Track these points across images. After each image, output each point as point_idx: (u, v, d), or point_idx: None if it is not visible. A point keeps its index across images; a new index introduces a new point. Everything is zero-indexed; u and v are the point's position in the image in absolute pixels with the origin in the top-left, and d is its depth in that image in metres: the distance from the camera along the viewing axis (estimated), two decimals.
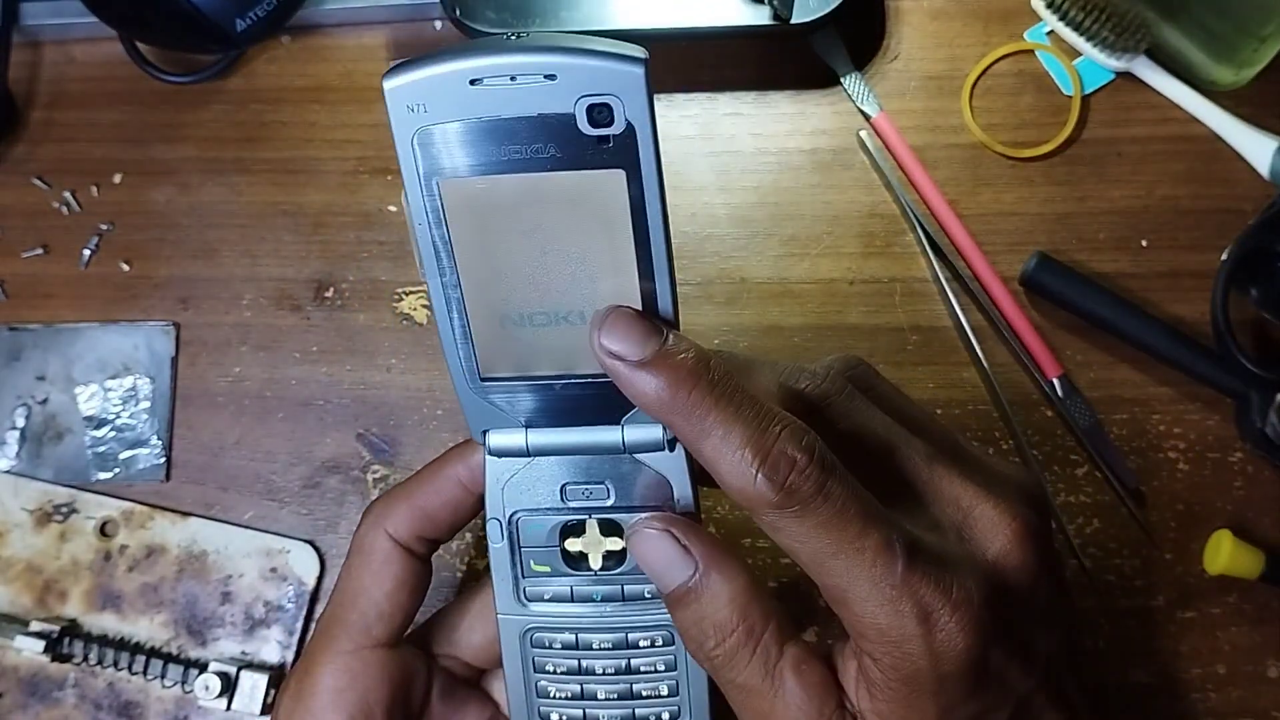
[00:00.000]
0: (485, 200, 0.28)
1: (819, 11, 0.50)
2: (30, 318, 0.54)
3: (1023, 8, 0.54)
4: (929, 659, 0.28)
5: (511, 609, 0.33)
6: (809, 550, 0.29)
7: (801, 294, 0.52)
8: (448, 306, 0.29)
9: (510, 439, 0.31)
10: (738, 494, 0.28)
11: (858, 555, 0.28)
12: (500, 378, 0.30)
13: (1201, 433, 0.49)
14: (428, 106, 0.27)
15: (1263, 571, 0.46)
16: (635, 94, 0.26)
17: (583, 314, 0.29)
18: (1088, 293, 0.49)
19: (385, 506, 0.35)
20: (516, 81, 0.26)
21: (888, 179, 0.52)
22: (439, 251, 0.28)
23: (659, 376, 0.28)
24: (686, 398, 0.28)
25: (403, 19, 0.55)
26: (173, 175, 0.55)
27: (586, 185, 0.27)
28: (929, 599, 0.28)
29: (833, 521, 0.28)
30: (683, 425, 0.29)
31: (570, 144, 0.26)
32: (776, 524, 0.29)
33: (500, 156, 0.27)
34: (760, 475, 0.28)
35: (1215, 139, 0.52)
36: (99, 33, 0.55)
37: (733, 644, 0.30)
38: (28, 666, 0.50)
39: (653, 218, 0.27)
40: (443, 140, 0.27)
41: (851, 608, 0.29)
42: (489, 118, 0.26)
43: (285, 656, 0.50)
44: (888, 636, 0.29)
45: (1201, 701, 0.47)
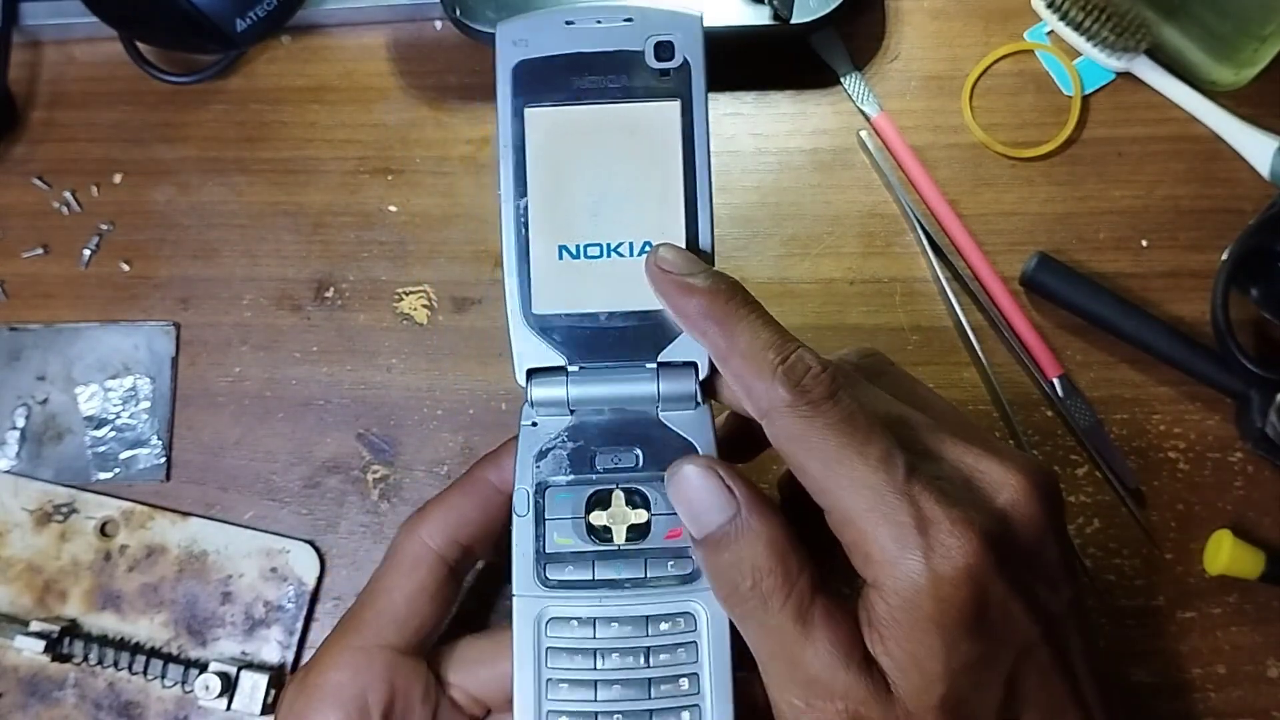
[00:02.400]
0: (562, 128, 0.33)
1: (819, 11, 0.50)
2: (30, 318, 0.54)
3: (1023, 8, 0.54)
4: (928, 577, 0.28)
5: (529, 588, 0.32)
6: (816, 456, 0.30)
7: (801, 294, 0.52)
8: (516, 231, 0.33)
9: (552, 390, 0.33)
10: (756, 392, 0.31)
11: (861, 460, 0.29)
12: (551, 313, 0.33)
13: (1201, 433, 0.49)
14: (529, 41, 0.33)
15: (1263, 571, 0.46)
16: (692, 35, 0.33)
17: (632, 245, 0.33)
18: (1088, 293, 0.49)
19: (420, 513, 0.37)
20: (601, 23, 0.33)
21: (888, 179, 0.52)
22: (516, 175, 0.33)
23: (704, 285, 0.31)
24: (725, 303, 0.31)
25: (403, 19, 0.55)
26: (173, 175, 0.55)
27: (648, 116, 0.33)
28: (929, 510, 0.29)
29: (839, 425, 0.30)
30: (714, 332, 0.31)
31: (638, 76, 0.33)
32: (789, 427, 0.30)
33: (581, 87, 0.33)
34: (780, 372, 0.30)
35: (1215, 139, 0.52)
36: (99, 33, 0.55)
37: (769, 585, 0.30)
38: (28, 666, 0.50)
39: (699, 144, 0.33)
40: (536, 71, 0.33)
41: (855, 523, 0.29)
42: (577, 51, 0.33)
43: (285, 656, 0.50)
44: (889, 553, 0.29)
45: (1201, 701, 0.47)
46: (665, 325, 0.33)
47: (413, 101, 0.55)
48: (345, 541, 0.51)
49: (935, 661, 0.29)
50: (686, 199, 0.33)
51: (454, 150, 0.54)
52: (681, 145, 0.33)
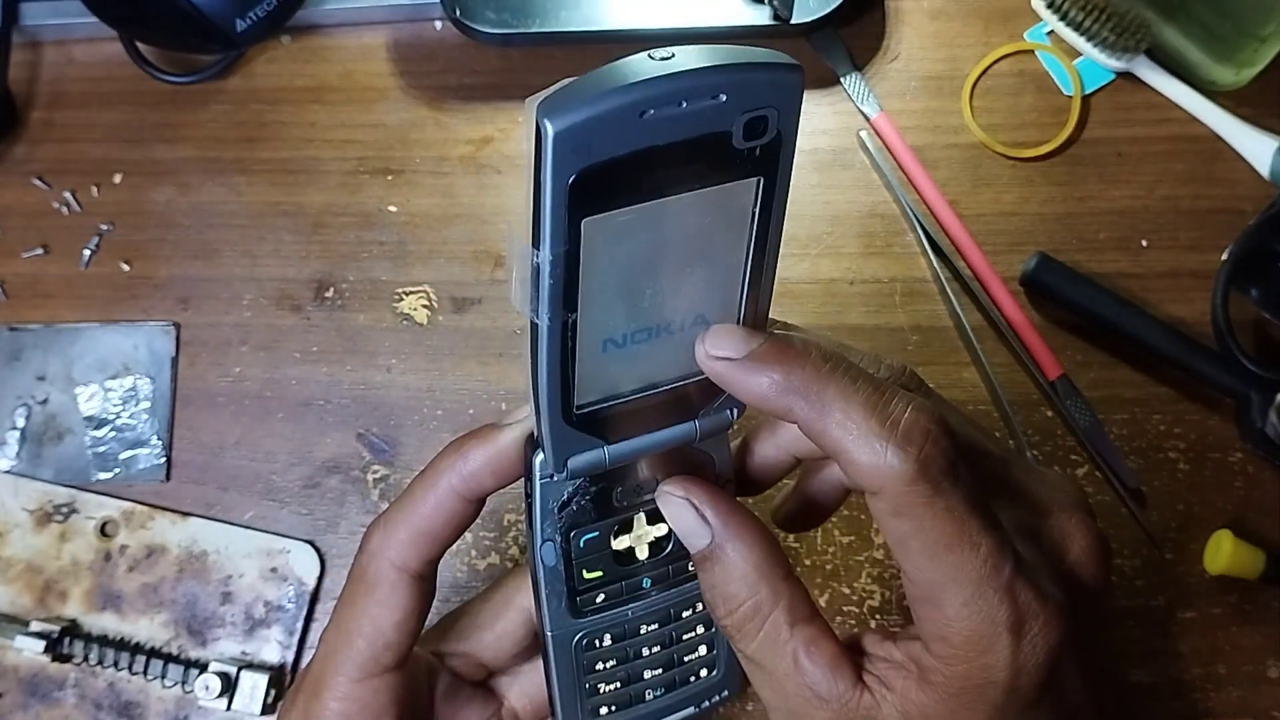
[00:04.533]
0: (625, 230, 0.26)
1: (819, 11, 0.50)
2: (30, 318, 0.54)
3: (1023, 8, 0.54)
4: (1009, 671, 0.27)
5: (563, 624, 0.33)
6: (926, 539, 0.27)
7: (801, 294, 0.52)
8: (560, 344, 0.27)
9: (590, 459, 0.31)
10: (866, 472, 0.27)
11: (972, 551, 0.27)
12: (589, 404, 0.29)
13: (1201, 433, 0.49)
14: (594, 146, 0.24)
15: (1263, 571, 0.46)
16: (791, 103, 0.26)
17: (684, 321, 0.29)
18: (1088, 293, 0.49)
19: (385, 534, 0.34)
20: (684, 106, 0.24)
21: (888, 179, 0.52)
22: (566, 291, 0.26)
23: (769, 363, 0.28)
24: (801, 375, 0.28)
25: (403, 19, 0.55)
26: (173, 175, 0.55)
27: (724, 195, 0.26)
28: (1025, 606, 0.27)
29: (958, 509, 0.27)
30: (801, 407, 0.28)
31: (720, 159, 0.26)
32: (901, 506, 0.27)
33: (651, 184, 0.25)
34: (893, 446, 0.26)
35: (1215, 139, 0.52)
36: (99, 33, 0.55)
37: (739, 618, 0.30)
38: (28, 666, 0.50)
39: (776, 217, 0.27)
40: (599, 177, 0.25)
41: (943, 608, 0.27)
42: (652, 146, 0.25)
43: (285, 656, 0.50)
44: (973, 643, 0.27)
45: (1201, 701, 0.47)
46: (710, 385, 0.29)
47: (413, 101, 0.55)
48: (345, 541, 0.51)
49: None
50: (750, 275, 0.28)
51: (454, 150, 0.54)
52: (755, 223, 0.27)
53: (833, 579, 0.48)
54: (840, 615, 0.48)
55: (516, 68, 0.55)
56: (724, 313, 0.29)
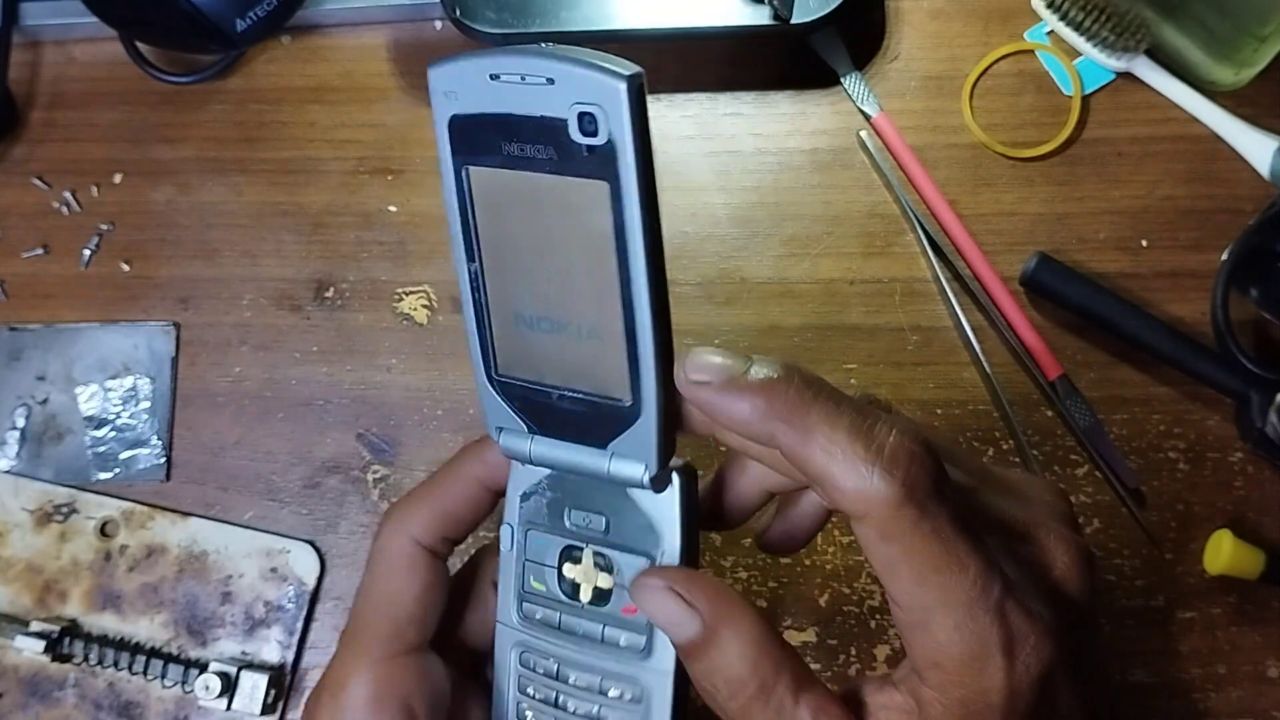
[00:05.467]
0: (501, 193, 0.29)
1: (819, 11, 0.50)
2: (30, 318, 0.54)
3: (1023, 8, 0.54)
4: (1004, 693, 0.27)
5: (509, 619, 0.33)
6: (913, 563, 0.27)
7: (801, 294, 0.52)
8: (472, 295, 0.30)
9: (518, 443, 0.32)
10: (852, 497, 0.27)
11: (961, 573, 0.27)
12: (512, 378, 0.31)
13: (1201, 433, 0.49)
14: (458, 95, 0.28)
15: (1263, 571, 0.46)
16: (617, 108, 0.26)
17: (579, 327, 0.29)
18: (1088, 293, 0.49)
19: (406, 510, 0.35)
20: (525, 81, 0.27)
21: (888, 179, 0.52)
22: (466, 237, 0.30)
23: (750, 389, 0.28)
24: (784, 400, 0.27)
25: (403, 19, 0.55)
26: (173, 175, 0.55)
27: (579, 193, 0.27)
28: (1016, 627, 0.27)
29: (945, 531, 0.27)
30: (784, 431, 0.27)
31: (565, 149, 0.27)
32: (888, 530, 0.26)
33: (510, 152, 0.28)
34: (878, 470, 0.26)
35: (1215, 139, 0.52)
36: (99, 33, 0.55)
37: (745, 699, 0.29)
38: (28, 666, 0.50)
39: (632, 236, 0.27)
40: (469, 129, 0.28)
41: (934, 633, 0.27)
42: (502, 112, 0.28)
43: (285, 656, 0.50)
44: (966, 666, 0.27)
45: (1201, 701, 0.47)
46: (615, 415, 0.30)
47: (413, 101, 0.55)
48: (345, 541, 0.51)
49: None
50: (622, 295, 0.28)
51: None
52: (614, 234, 0.27)
53: (833, 579, 0.48)
54: (840, 615, 0.48)
55: None
56: (609, 331, 0.29)
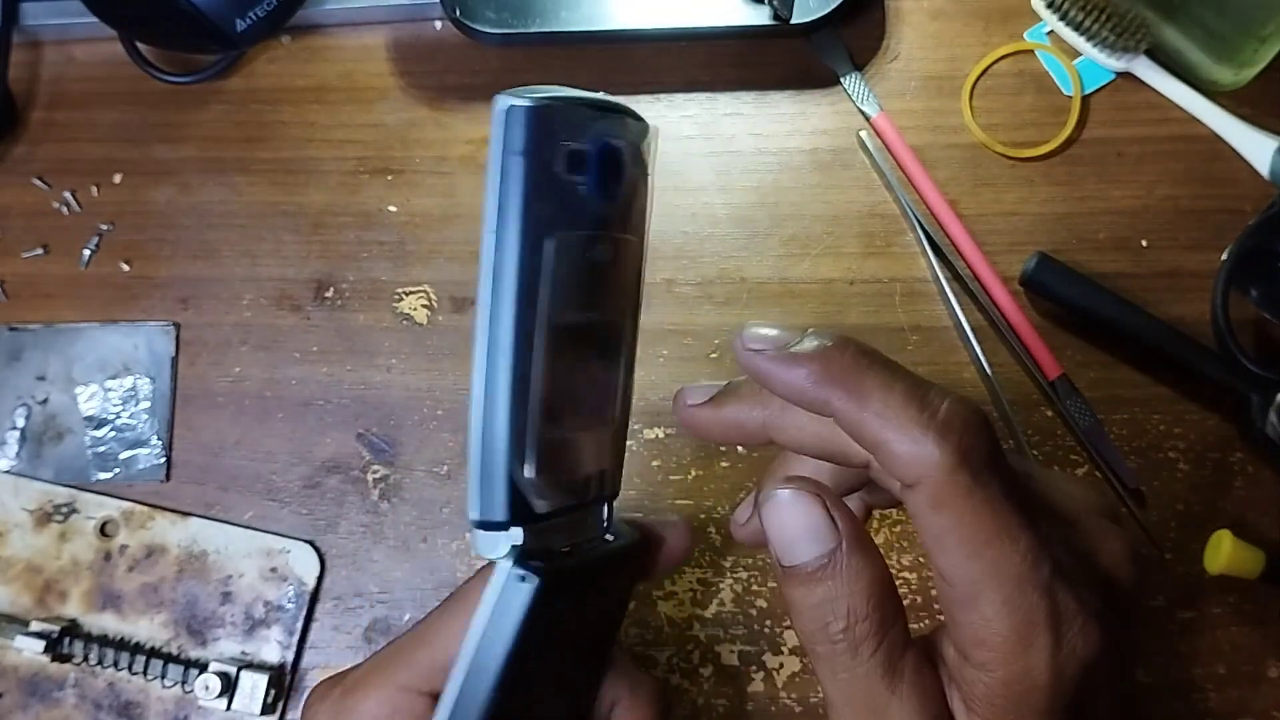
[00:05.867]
0: None
1: (819, 11, 0.50)
2: (30, 318, 0.54)
3: (1023, 8, 0.54)
4: (1048, 674, 0.27)
5: None
6: (964, 533, 0.26)
7: (801, 294, 0.52)
8: None
9: None
10: (906, 462, 0.26)
11: (1012, 546, 0.26)
12: None
13: (1201, 433, 0.49)
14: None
15: (1263, 571, 0.46)
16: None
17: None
18: (1088, 293, 0.49)
19: None
20: None
21: (888, 179, 0.52)
22: None
23: (805, 356, 0.28)
24: (839, 366, 0.27)
25: (403, 19, 0.55)
26: (173, 175, 0.55)
27: None
28: (1064, 606, 0.27)
29: (998, 502, 0.26)
30: (840, 397, 0.27)
31: None
32: (941, 498, 0.26)
33: None
34: (932, 434, 0.26)
35: (1215, 139, 0.52)
36: (99, 33, 0.55)
37: (862, 631, 0.28)
38: (28, 666, 0.50)
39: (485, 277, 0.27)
40: None
41: (981, 608, 0.27)
42: None
43: (285, 656, 0.50)
44: (1012, 644, 0.27)
45: (1201, 701, 0.47)
46: None
47: (413, 101, 0.55)
48: (345, 541, 0.51)
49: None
50: None
51: (454, 150, 0.54)
52: None
53: None
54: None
55: (516, 68, 0.55)
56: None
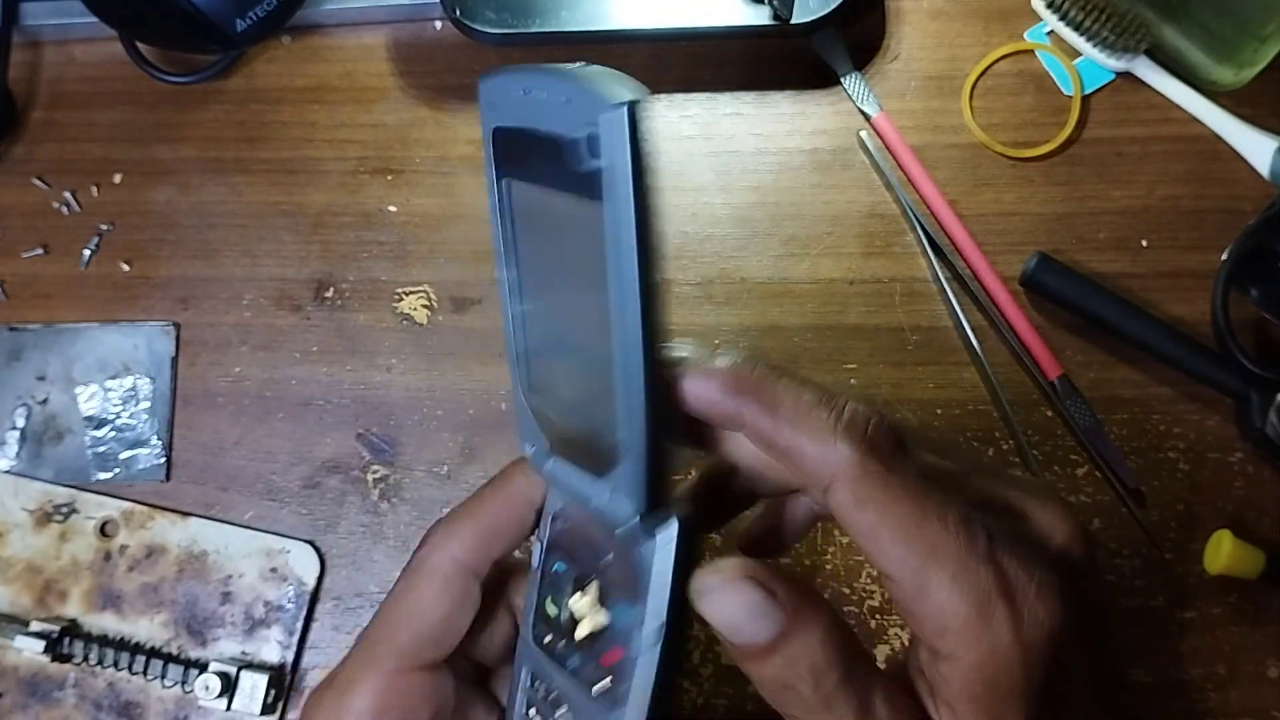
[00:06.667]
0: (534, 207, 0.29)
1: (819, 11, 0.50)
2: (30, 318, 0.54)
3: (1023, 8, 0.54)
4: (1017, 644, 0.27)
5: (526, 636, 0.33)
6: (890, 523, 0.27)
7: (801, 294, 0.52)
8: (510, 306, 0.31)
9: (540, 461, 0.32)
10: (819, 463, 0.27)
11: (941, 526, 0.27)
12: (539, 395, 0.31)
13: (1201, 433, 0.49)
14: (497, 106, 0.29)
15: (1263, 571, 0.46)
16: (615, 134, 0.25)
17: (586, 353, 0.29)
18: (1088, 293, 0.49)
19: (452, 527, 0.34)
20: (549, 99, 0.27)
21: (888, 179, 0.52)
22: (505, 248, 0.30)
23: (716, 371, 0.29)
24: (748, 377, 0.29)
25: (403, 19, 0.55)
26: (173, 175, 0.55)
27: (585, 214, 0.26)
28: (1014, 574, 0.27)
29: (915, 486, 0.27)
30: (751, 407, 0.28)
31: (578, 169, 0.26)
32: (860, 491, 0.27)
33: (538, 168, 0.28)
34: (840, 432, 0.27)
35: (1215, 139, 0.52)
36: (99, 33, 0.55)
37: (830, 688, 0.28)
38: (28, 666, 0.50)
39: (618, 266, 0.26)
40: (507, 141, 0.29)
41: (931, 593, 0.27)
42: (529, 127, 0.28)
43: (285, 656, 0.50)
44: (972, 622, 0.27)
45: (1201, 701, 0.47)
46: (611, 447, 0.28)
47: (413, 101, 0.55)
48: (345, 541, 0.51)
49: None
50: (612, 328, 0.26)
51: (454, 150, 0.54)
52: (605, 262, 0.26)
53: (833, 579, 0.48)
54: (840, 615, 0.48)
55: None
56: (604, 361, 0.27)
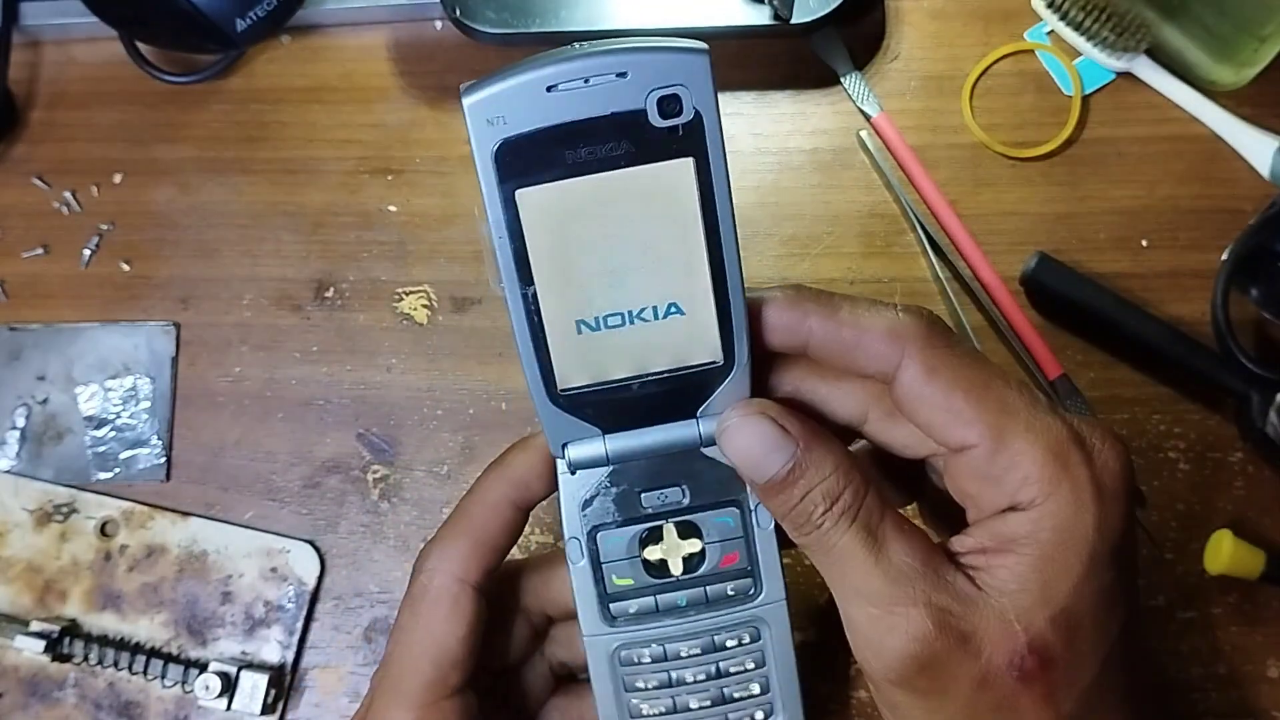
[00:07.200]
0: (561, 205, 0.28)
1: (819, 11, 0.50)
2: (30, 318, 0.54)
3: (1023, 8, 0.54)
4: (1093, 486, 0.28)
5: (598, 629, 0.33)
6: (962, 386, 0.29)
7: None
8: (527, 319, 0.30)
9: (590, 449, 0.32)
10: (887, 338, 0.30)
11: (1006, 387, 0.29)
12: (577, 387, 0.31)
13: (1201, 433, 0.49)
14: (507, 118, 0.28)
15: (1263, 571, 0.46)
16: (701, 82, 0.27)
17: (655, 309, 0.30)
18: (1088, 293, 0.49)
19: (444, 547, 0.34)
20: (590, 83, 0.27)
21: (888, 179, 0.52)
22: (518, 264, 0.29)
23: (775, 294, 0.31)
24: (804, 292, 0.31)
25: (403, 19, 0.55)
26: (173, 175, 0.55)
27: (658, 177, 0.28)
28: (1080, 427, 0.29)
29: (976, 356, 0.30)
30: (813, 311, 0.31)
31: (642, 138, 0.28)
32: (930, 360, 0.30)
33: (576, 159, 0.28)
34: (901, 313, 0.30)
35: (1215, 139, 0.52)
36: (99, 33, 0.55)
37: (841, 506, 0.30)
38: (28, 666, 0.50)
39: (721, 201, 0.29)
40: (521, 150, 0.28)
41: (1010, 444, 0.29)
42: (566, 121, 0.27)
43: (285, 656, 0.50)
44: (1053, 469, 0.28)
45: (1201, 701, 0.47)
46: (702, 380, 0.31)
47: (413, 101, 0.55)
48: (345, 541, 0.51)
49: (1066, 580, 0.28)
50: (711, 258, 0.29)
51: (454, 150, 0.54)
52: (700, 204, 0.28)
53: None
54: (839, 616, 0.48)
55: None
56: (695, 300, 0.30)
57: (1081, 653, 0.29)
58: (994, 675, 0.28)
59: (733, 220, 0.29)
